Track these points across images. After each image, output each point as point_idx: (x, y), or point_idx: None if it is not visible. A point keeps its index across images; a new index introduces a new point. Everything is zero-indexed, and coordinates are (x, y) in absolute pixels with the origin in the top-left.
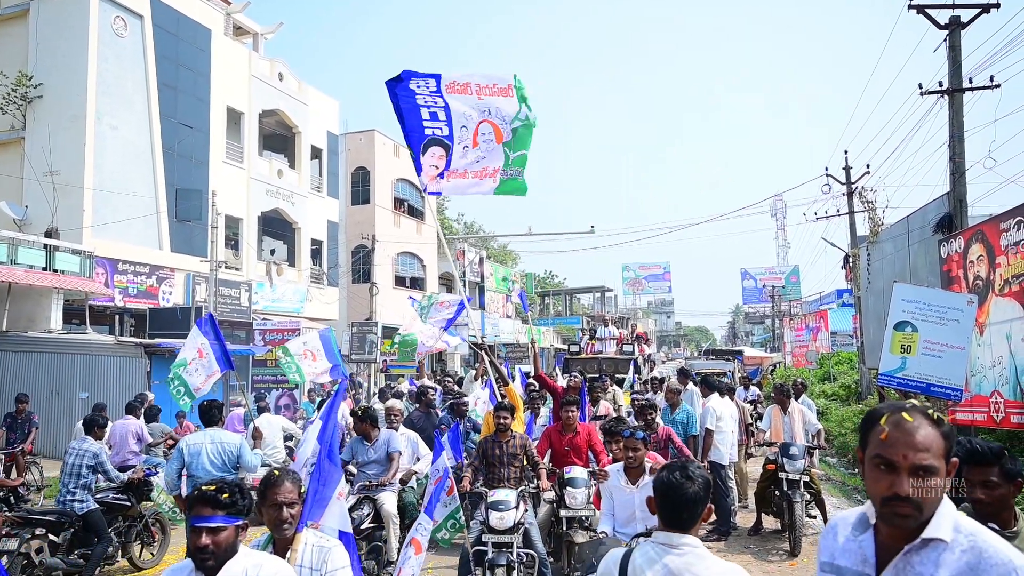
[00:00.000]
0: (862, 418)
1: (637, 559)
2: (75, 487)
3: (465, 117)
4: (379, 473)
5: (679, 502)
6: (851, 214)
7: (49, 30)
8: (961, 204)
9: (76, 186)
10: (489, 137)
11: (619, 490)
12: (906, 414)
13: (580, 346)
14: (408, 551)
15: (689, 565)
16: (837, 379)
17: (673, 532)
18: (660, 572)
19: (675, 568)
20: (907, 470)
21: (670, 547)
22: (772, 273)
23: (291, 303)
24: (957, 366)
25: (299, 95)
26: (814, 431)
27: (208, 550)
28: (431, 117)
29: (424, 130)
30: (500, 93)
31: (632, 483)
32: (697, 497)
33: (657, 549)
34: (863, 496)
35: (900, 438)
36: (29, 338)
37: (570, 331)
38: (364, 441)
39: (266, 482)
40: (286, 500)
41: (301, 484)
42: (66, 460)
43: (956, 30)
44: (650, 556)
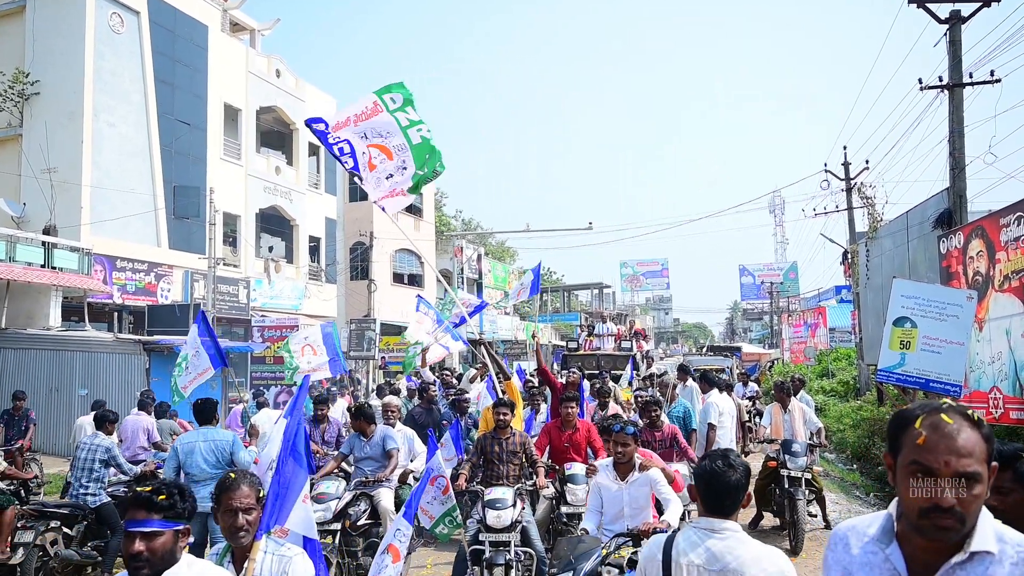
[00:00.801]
0: (891, 420)
1: (680, 543)
2: (88, 481)
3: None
4: (375, 469)
5: (721, 489)
6: (850, 210)
7: (46, 26)
8: (961, 199)
9: (74, 183)
10: (381, 158)
11: (607, 487)
12: (944, 415)
13: (578, 342)
14: (385, 558)
15: (731, 548)
16: (835, 375)
17: (715, 518)
18: (703, 555)
19: (717, 551)
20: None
21: (712, 531)
22: (770, 269)
23: (289, 300)
24: (956, 362)
25: (296, 92)
26: (814, 429)
27: (142, 557)
28: (340, 153)
29: (345, 164)
30: (372, 114)
31: (621, 479)
32: (739, 484)
33: (699, 533)
34: (861, 492)
35: (940, 442)
36: (28, 335)
37: (568, 328)
38: (361, 437)
39: (220, 486)
40: (242, 505)
41: (260, 488)
42: (78, 455)
43: (956, 24)
44: (692, 540)
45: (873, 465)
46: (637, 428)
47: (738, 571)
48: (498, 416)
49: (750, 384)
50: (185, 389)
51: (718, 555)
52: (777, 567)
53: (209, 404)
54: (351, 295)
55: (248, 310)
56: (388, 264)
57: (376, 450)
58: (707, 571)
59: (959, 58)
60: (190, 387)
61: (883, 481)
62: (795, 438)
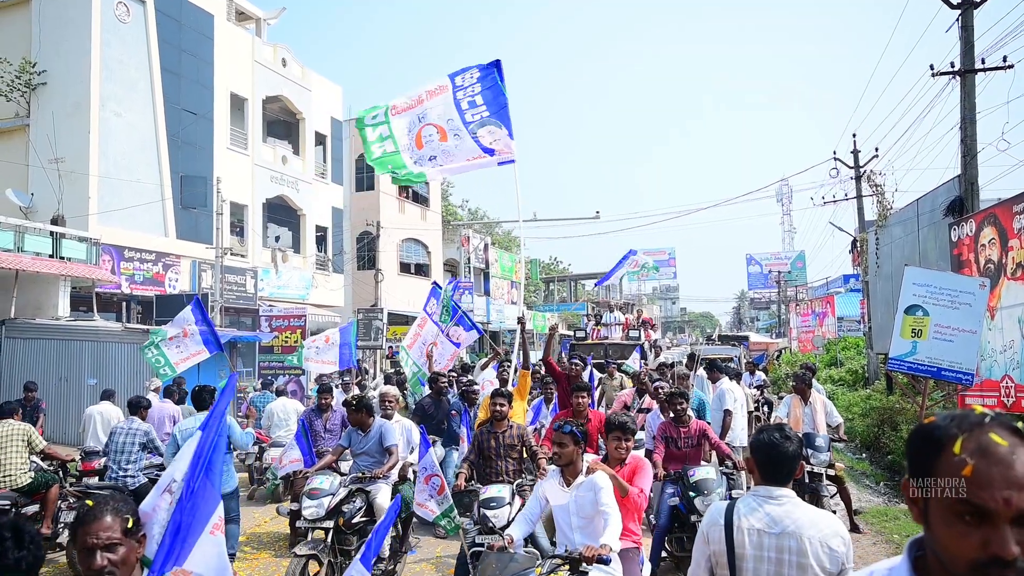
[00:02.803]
0: (913, 439)
1: (741, 508)
2: (127, 464)
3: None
4: (371, 465)
5: (779, 460)
6: (859, 198)
7: (52, 16)
8: (972, 187)
9: (81, 173)
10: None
11: (554, 493)
12: (994, 434)
13: (586, 331)
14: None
15: (788, 512)
16: (844, 364)
17: (772, 486)
18: (763, 518)
19: (776, 515)
20: (1010, 520)
21: (770, 498)
22: (778, 258)
23: (297, 290)
24: (969, 350)
25: (302, 81)
26: (835, 423)
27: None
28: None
29: None
30: (432, 95)
31: (567, 485)
32: (795, 455)
33: (758, 500)
34: (871, 481)
35: (994, 473)
36: (37, 325)
37: (575, 317)
38: (359, 431)
39: (76, 519)
40: (100, 541)
41: (129, 518)
42: (115, 439)
43: (969, 10)
44: (752, 506)
45: (882, 454)
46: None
47: (796, 533)
48: (494, 407)
49: (757, 373)
50: (178, 365)
51: (777, 519)
52: (832, 528)
53: (205, 391)
54: (358, 285)
55: (255, 300)
56: (395, 254)
57: (374, 445)
58: (767, 534)
59: (971, 44)
60: (183, 364)
61: (892, 470)
62: (816, 431)
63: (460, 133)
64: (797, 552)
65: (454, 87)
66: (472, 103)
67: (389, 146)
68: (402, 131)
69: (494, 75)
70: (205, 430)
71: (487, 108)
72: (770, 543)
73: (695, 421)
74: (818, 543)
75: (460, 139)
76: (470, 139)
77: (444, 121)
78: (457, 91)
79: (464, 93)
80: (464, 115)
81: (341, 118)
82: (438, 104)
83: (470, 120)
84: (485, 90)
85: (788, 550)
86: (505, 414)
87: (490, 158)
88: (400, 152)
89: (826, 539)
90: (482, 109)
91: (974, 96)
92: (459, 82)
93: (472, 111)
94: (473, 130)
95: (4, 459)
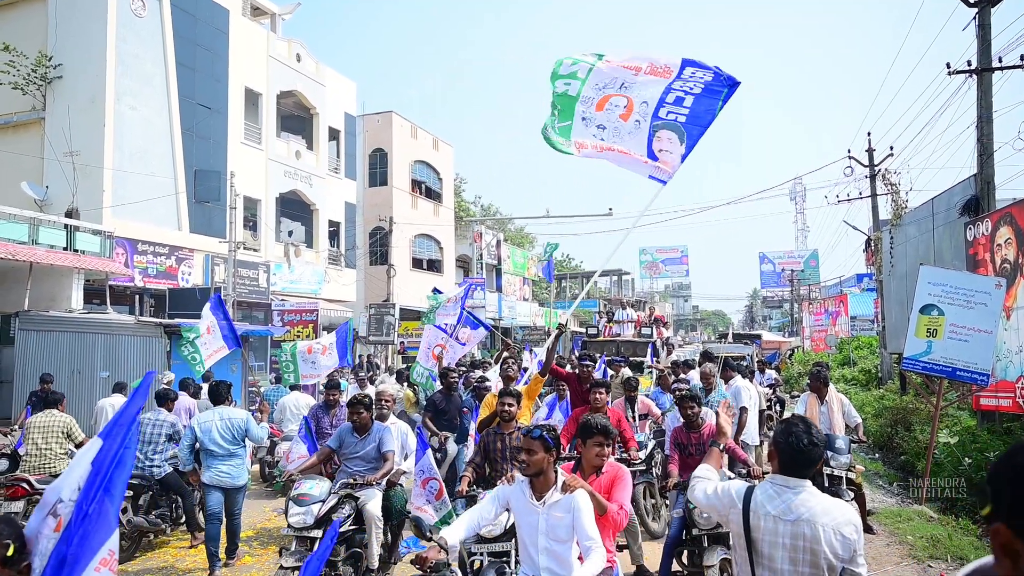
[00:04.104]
0: (1002, 467)
1: (758, 495)
2: (153, 454)
3: (605, 81)
4: (365, 470)
5: (800, 456)
6: (874, 197)
7: (68, 10)
8: (988, 186)
9: (96, 166)
10: (615, 111)
11: (522, 506)
12: None
13: (598, 329)
14: None
15: (804, 501)
16: (857, 364)
17: (791, 477)
18: (780, 506)
19: (791, 503)
20: None
21: (787, 487)
22: (791, 257)
23: (309, 284)
24: (984, 350)
25: (317, 76)
26: (854, 423)
27: None
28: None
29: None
30: (654, 72)
31: (536, 499)
32: (819, 455)
33: (776, 488)
34: (884, 482)
35: None
36: (50, 317)
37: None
38: (355, 432)
39: None
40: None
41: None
42: (142, 430)
43: (986, 7)
44: (769, 493)
45: (895, 455)
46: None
47: (811, 520)
48: (502, 407)
49: (768, 372)
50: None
51: (792, 507)
52: (845, 517)
53: (223, 386)
54: (370, 280)
55: (268, 294)
56: (407, 249)
57: (371, 450)
58: (783, 521)
59: (988, 42)
60: (209, 360)
61: (905, 471)
62: (833, 432)
63: (642, 122)
64: (811, 539)
65: (678, 75)
66: (679, 100)
67: (574, 88)
68: (596, 83)
69: (722, 92)
70: (108, 439)
71: (687, 115)
72: (784, 530)
73: (708, 425)
74: (831, 530)
75: (638, 128)
76: (646, 134)
77: (639, 101)
78: (676, 80)
79: (682, 86)
80: (661, 107)
81: (355, 113)
82: (650, 83)
83: (663, 116)
84: (701, 98)
85: (802, 537)
86: (513, 415)
87: (645, 164)
88: (578, 100)
89: (839, 527)
90: (682, 112)
91: (991, 95)
92: (686, 74)
93: (672, 108)
94: (655, 127)
95: (45, 447)
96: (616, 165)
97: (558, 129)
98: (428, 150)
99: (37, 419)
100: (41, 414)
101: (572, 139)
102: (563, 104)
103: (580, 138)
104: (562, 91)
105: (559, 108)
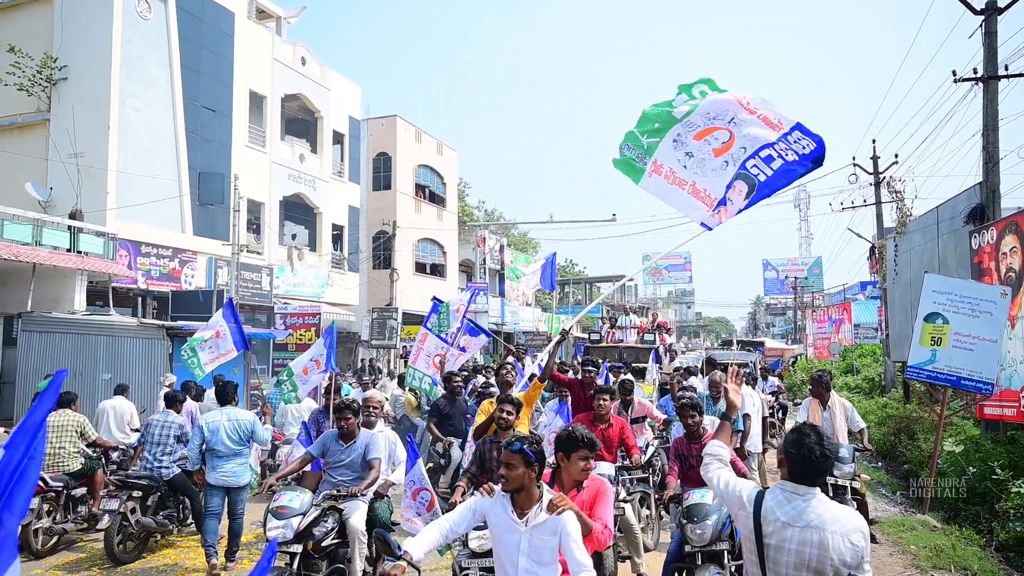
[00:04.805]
0: None
1: (769, 501)
2: (162, 455)
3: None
4: (350, 480)
5: (810, 464)
6: (878, 204)
7: (74, 12)
8: (994, 194)
9: (100, 168)
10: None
11: (503, 521)
12: None
13: (600, 335)
14: None
15: (813, 508)
16: (860, 372)
17: (800, 484)
18: (790, 512)
19: (802, 510)
20: None
21: (796, 494)
22: (794, 264)
23: (312, 288)
24: (989, 359)
25: (321, 80)
26: (858, 429)
27: None
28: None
29: None
30: (767, 122)
31: (520, 517)
32: (829, 465)
33: (786, 494)
34: (888, 491)
35: None
36: (53, 319)
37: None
38: (340, 439)
39: None
40: None
41: None
42: (151, 431)
43: (993, 15)
44: (779, 499)
45: (899, 463)
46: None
47: (820, 527)
48: (500, 415)
49: (770, 379)
50: (207, 365)
51: (802, 513)
52: (853, 524)
53: (229, 386)
54: (373, 284)
55: (271, 297)
56: (411, 253)
57: (357, 458)
58: (792, 527)
59: (995, 50)
60: (211, 365)
61: (908, 479)
62: (836, 438)
63: (731, 164)
64: (819, 546)
65: (784, 136)
66: (769, 159)
67: (682, 110)
68: (708, 111)
69: (807, 166)
70: (9, 448)
71: (768, 177)
72: (793, 535)
73: (709, 435)
74: (840, 538)
75: (724, 168)
76: (730, 177)
77: (739, 145)
78: (780, 141)
79: (780, 147)
80: (751, 159)
81: (359, 117)
82: (758, 130)
83: (748, 168)
84: (789, 165)
85: (810, 543)
86: (511, 423)
87: (705, 209)
88: (681, 122)
89: (847, 534)
90: (766, 172)
91: (997, 103)
92: (792, 137)
93: (760, 164)
94: (738, 174)
95: (59, 446)
96: (669, 204)
97: (647, 145)
98: (432, 154)
99: (51, 418)
100: (55, 413)
101: (653, 157)
102: (663, 121)
103: (662, 159)
104: (672, 108)
105: (658, 124)
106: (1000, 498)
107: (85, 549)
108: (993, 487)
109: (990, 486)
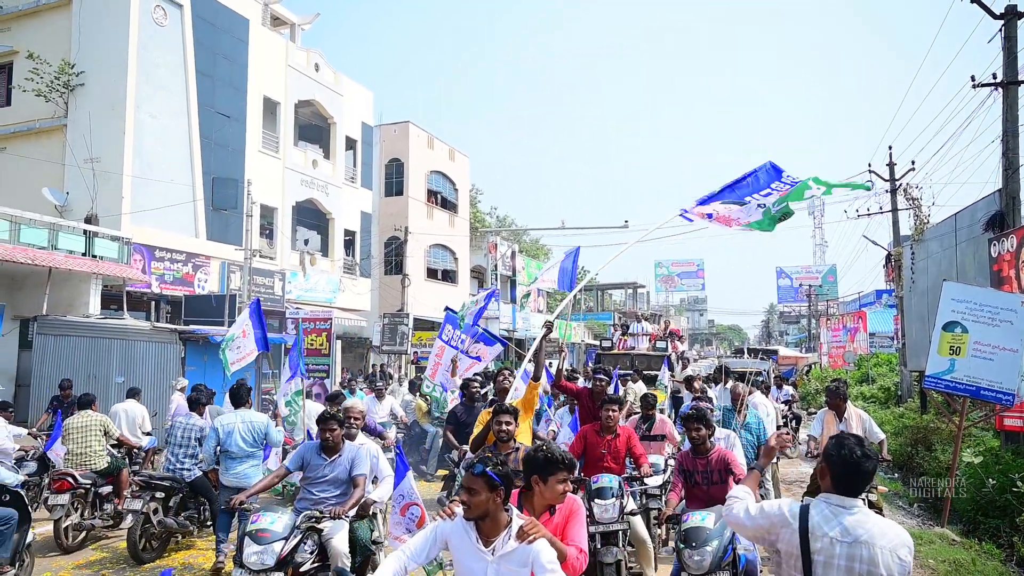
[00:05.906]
0: None
1: (814, 516)
2: (184, 457)
3: None
4: (332, 497)
5: (855, 475)
6: (894, 211)
7: (91, 18)
8: (1014, 201)
9: (115, 173)
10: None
11: (467, 549)
12: None
13: (612, 342)
14: None
15: (861, 522)
16: (876, 381)
17: (846, 497)
18: (837, 528)
19: (850, 525)
20: None
21: (843, 508)
22: (809, 272)
23: (324, 293)
24: (1009, 369)
25: (335, 86)
26: (876, 440)
27: None
28: None
29: None
30: None
31: (486, 546)
32: (873, 471)
33: (832, 508)
34: (905, 503)
35: None
36: (67, 322)
37: (601, 327)
38: (323, 453)
39: None
40: None
41: None
42: (173, 433)
43: (1012, 20)
44: (826, 514)
45: (915, 475)
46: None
47: (869, 542)
48: (499, 427)
49: (784, 388)
50: (232, 366)
51: (850, 528)
52: (900, 539)
53: (243, 389)
54: (385, 289)
55: (283, 302)
56: (422, 259)
57: (342, 472)
58: (840, 542)
59: (1014, 55)
60: (236, 366)
61: (925, 491)
62: None
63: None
64: (868, 561)
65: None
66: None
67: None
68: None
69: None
70: None
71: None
72: (842, 551)
73: (717, 449)
74: (888, 553)
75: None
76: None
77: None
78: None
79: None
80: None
81: (372, 123)
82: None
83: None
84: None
85: (859, 559)
86: (511, 434)
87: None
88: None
89: (896, 549)
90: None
91: (1016, 108)
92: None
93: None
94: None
95: (86, 445)
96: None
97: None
98: (444, 160)
99: (74, 420)
100: (77, 415)
101: None
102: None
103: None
104: None
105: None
106: (1021, 511)
107: (108, 548)
108: (1014, 500)
109: (1010, 499)
